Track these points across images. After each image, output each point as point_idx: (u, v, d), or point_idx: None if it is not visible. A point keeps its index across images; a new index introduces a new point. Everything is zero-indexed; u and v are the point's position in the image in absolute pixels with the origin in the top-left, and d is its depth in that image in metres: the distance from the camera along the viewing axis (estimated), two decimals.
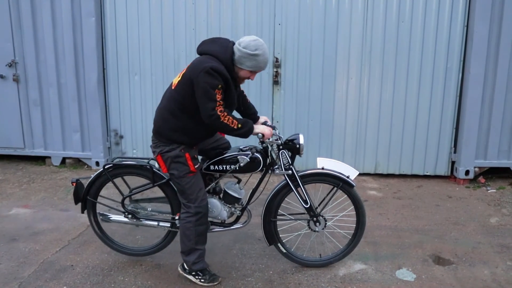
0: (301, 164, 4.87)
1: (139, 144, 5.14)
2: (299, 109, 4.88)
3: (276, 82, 4.82)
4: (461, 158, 4.69)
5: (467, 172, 4.70)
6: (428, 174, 4.91)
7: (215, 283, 2.78)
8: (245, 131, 2.55)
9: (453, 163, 4.86)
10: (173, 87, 2.60)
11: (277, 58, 4.77)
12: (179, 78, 2.57)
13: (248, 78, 2.57)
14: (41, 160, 5.42)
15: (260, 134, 2.59)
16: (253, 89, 4.87)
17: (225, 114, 2.46)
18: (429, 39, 4.59)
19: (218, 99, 2.42)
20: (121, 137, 5.22)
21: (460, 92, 4.68)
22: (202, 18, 4.79)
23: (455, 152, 4.81)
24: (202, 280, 2.77)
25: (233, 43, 2.54)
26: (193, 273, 2.77)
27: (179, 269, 2.83)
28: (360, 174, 4.98)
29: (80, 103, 5.08)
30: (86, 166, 5.30)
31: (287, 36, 4.73)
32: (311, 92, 4.82)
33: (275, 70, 4.79)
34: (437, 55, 4.61)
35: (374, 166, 4.95)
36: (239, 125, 2.51)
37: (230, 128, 2.49)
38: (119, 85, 5.07)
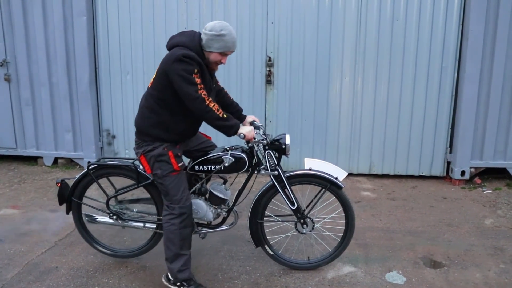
0: (294, 165, 4.82)
1: (131, 144, 5.10)
2: (292, 109, 4.82)
3: (269, 82, 4.76)
4: (457, 159, 4.62)
5: (462, 173, 4.63)
6: (423, 174, 4.85)
7: None
8: (230, 125, 2.49)
9: (448, 163, 4.79)
10: (149, 86, 2.58)
11: (270, 57, 4.71)
12: (154, 75, 2.55)
13: (220, 62, 2.55)
14: (33, 160, 5.38)
15: (242, 134, 2.53)
16: (245, 89, 4.82)
17: (210, 100, 2.43)
18: (424, 38, 4.52)
19: (198, 82, 2.40)
20: (114, 137, 5.18)
21: (455, 91, 4.62)
22: (194, 17, 4.74)
23: (450, 152, 4.74)
24: None
25: (200, 33, 2.54)
26: (178, 283, 2.65)
27: (163, 280, 2.73)
28: (354, 175, 4.92)
29: (72, 103, 5.04)
30: (78, 166, 5.26)
31: (280, 35, 4.68)
32: (305, 91, 4.76)
33: (268, 69, 4.73)
34: (432, 54, 4.55)
35: (368, 167, 4.89)
36: (225, 116, 2.47)
37: (215, 115, 2.43)
38: (111, 84, 5.03)
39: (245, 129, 2.56)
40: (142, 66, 4.94)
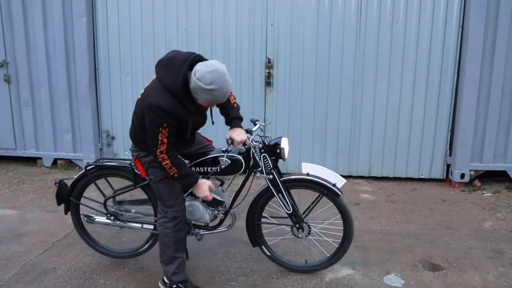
0: (293, 167, 4.81)
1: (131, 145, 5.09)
2: (292, 111, 4.82)
3: (268, 83, 4.76)
4: (456, 161, 4.61)
5: (462, 176, 4.61)
6: (423, 177, 4.83)
7: None
8: (183, 184, 2.51)
9: (448, 166, 4.77)
10: (137, 103, 2.48)
11: (269, 59, 4.71)
12: (140, 97, 2.43)
13: (208, 106, 2.41)
14: (32, 161, 5.38)
15: (229, 140, 2.50)
16: (245, 90, 4.81)
17: (165, 157, 2.33)
18: (423, 40, 4.52)
19: (160, 138, 2.28)
20: (113, 138, 5.18)
21: (455, 94, 4.61)
22: (194, 18, 4.75)
23: (450, 155, 4.73)
24: None
25: (193, 62, 2.27)
26: (174, 286, 2.65)
27: (160, 284, 2.73)
28: (353, 177, 4.91)
29: (71, 103, 5.04)
30: (77, 167, 5.26)
31: (280, 36, 4.68)
32: (304, 93, 4.76)
33: (267, 71, 4.73)
34: (432, 56, 4.54)
35: (368, 169, 4.87)
36: (176, 175, 2.40)
37: (167, 172, 2.39)
38: (111, 85, 5.03)
39: (236, 137, 2.52)
40: (141, 67, 4.94)
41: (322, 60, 4.67)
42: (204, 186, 2.53)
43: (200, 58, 2.34)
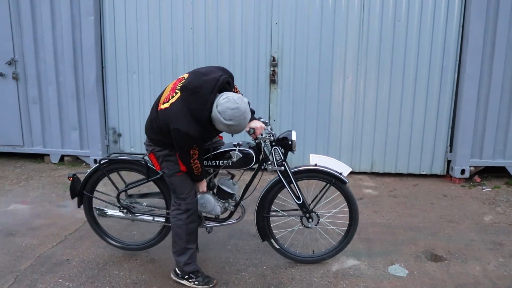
0: (297, 162, 4.88)
1: (137, 142, 5.18)
2: (295, 108, 4.91)
3: (273, 81, 4.85)
4: (457, 157, 4.71)
5: (462, 171, 4.72)
6: (424, 173, 4.93)
7: (210, 286, 2.75)
8: (193, 179, 2.70)
9: (449, 162, 4.88)
10: (159, 108, 2.52)
11: (274, 57, 4.80)
12: (163, 107, 2.47)
13: None
14: (40, 157, 5.46)
15: (252, 130, 2.61)
16: (250, 88, 4.91)
17: (196, 161, 2.55)
18: (425, 38, 4.62)
19: (191, 153, 2.48)
20: (119, 135, 5.26)
21: (456, 91, 4.71)
22: (200, 17, 4.84)
23: (451, 151, 4.83)
24: (196, 283, 2.74)
25: (220, 89, 2.38)
26: (186, 276, 2.75)
27: (172, 275, 2.83)
28: (356, 173, 5.01)
29: (78, 101, 5.12)
30: (84, 164, 5.34)
31: (284, 35, 4.77)
32: (308, 91, 4.85)
33: (272, 69, 4.82)
34: (433, 54, 4.64)
35: (370, 165, 4.97)
36: (199, 174, 2.64)
37: (192, 171, 2.60)
38: (118, 83, 5.11)
39: (256, 124, 2.64)
40: (148, 65, 5.02)
41: (326, 58, 4.77)
42: (205, 183, 2.80)
43: (227, 81, 2.46)
